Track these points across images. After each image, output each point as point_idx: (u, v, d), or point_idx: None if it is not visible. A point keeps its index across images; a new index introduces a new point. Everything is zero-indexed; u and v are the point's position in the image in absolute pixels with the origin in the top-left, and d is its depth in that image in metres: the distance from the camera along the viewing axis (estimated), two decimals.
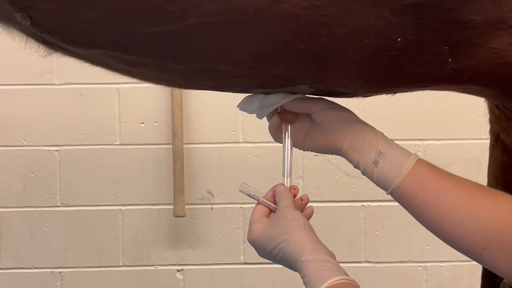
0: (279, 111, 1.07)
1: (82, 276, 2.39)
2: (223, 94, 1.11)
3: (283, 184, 1.07)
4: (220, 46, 0.90)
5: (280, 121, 1.08)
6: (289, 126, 1.07)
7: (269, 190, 1.07)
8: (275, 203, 1.05)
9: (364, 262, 2.40)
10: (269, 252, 1.00)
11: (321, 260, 0.94)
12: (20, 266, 2.38)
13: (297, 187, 1.07)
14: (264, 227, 1.01)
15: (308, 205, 1.06)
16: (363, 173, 1.01)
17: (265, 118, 1.10)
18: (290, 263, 0.97)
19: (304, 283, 0.94)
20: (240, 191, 1.06)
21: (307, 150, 1.08)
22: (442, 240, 0.98)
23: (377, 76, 0.95)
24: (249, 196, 1.06)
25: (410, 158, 0.98)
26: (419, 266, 2.40)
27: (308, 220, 1.02)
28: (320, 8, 0.85)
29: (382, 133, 1.02)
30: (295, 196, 1.05)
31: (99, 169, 2.36)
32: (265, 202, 1.05)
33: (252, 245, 1.03)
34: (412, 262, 2.40)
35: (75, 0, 0.87)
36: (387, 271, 2.40)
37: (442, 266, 2.39)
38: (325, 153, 1.06)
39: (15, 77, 2.34)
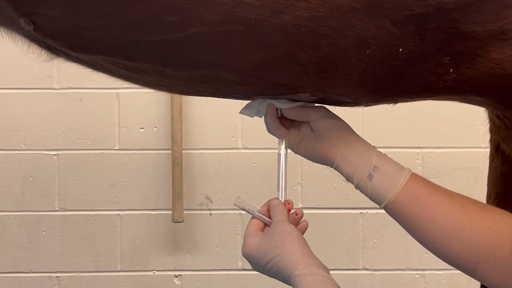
0: (279, 116, 1.07)
1: (80, 280, 2.38)
2: (222, 100, 1.11)
3: (278, 198, 1.07)
4: (222, 55, 0.91)
5: (280, 123, 1.07)
6: (283, 141, 1.07)
7: (263, 204, 1.07)
8: (269, 217, 1.05)
9: (362, 269, 2.40)
10: (263, 266, 1.00)
11: (315, 274, 0.94)
12: (18, 270, 2.38)
13: (291, 201, 1.07)
14: (258, 241, 1.02)
15: (302, 219, 1.06)
16: (357, 187, 1.02)
17: (263, 124, 1.10)
18: (284, 277, 0.97)
19: None
20: (234, 205, 1.07)
21: (299, 154, 1.08)
22: (436, 255, 0.98)
23: (378, 86, 0.96)
24: (243, 210, 1.07)
25: (404, 172, 0.98)
26: (417, 274, 2.40)
27: (303, 234, 1.03)
28: (321, 19, 0.85)
29: (376, 148, 1.02)
30: (289, 210, 1.06)
31: (98, 174, 2.36)
32: (260, 216, 1.05)
33: (246, 259, 1.04)
34: (410, 270, 2.40)
35: (79, 8, 0.88)
36: (385, 279, 2.40)
37: (440, 274, 2.39)
38: (316, 162, 1.06)
39: (15, 81, 2.34)
